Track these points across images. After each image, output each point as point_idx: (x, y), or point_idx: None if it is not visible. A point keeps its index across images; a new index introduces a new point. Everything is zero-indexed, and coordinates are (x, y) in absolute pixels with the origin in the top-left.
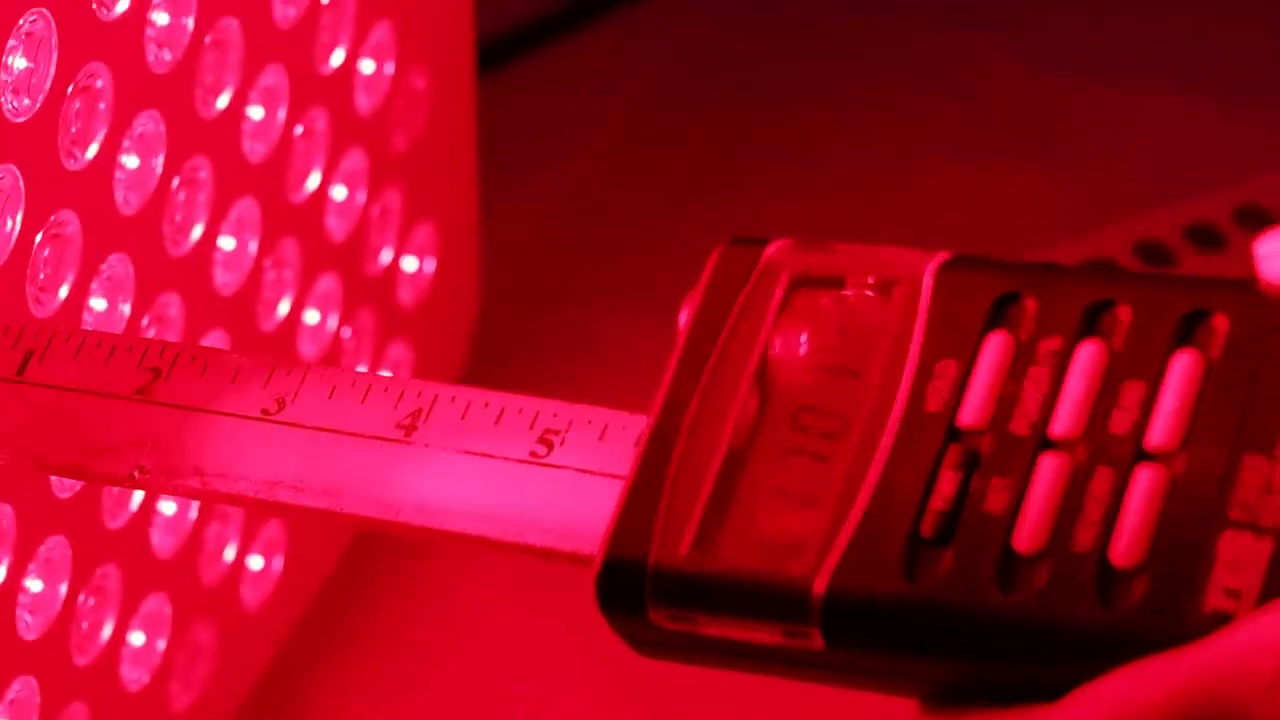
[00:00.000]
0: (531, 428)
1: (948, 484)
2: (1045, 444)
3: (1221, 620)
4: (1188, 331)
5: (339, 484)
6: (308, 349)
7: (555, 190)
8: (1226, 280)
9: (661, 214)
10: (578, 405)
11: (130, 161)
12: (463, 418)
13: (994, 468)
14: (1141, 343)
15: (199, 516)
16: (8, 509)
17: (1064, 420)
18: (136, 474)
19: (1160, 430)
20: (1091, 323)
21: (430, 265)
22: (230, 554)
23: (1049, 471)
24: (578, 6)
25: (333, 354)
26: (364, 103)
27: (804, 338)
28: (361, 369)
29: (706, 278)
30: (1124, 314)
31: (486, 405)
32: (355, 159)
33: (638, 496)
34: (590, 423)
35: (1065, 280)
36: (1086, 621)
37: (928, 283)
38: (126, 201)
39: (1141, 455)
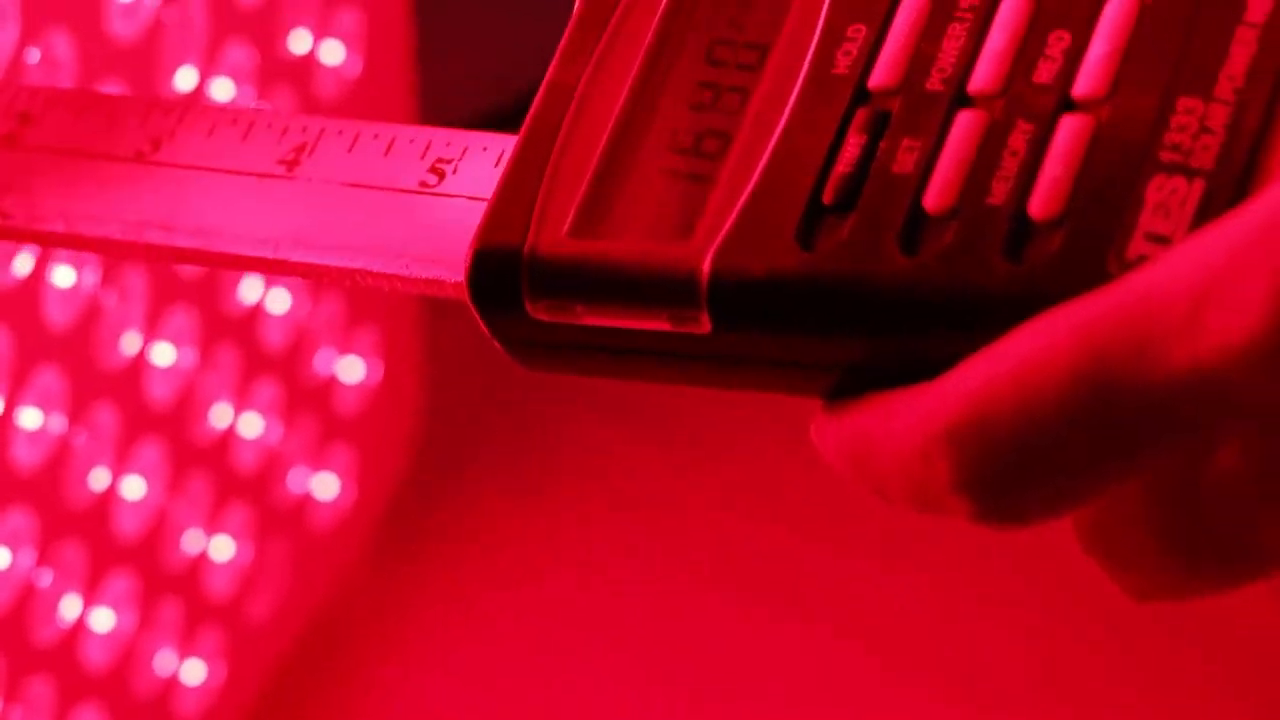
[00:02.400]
0: (423, 157)
1: (853, 147)
2: (961, 100)
3: None
4: None
5: (213, 223)
6: (246, 457)
7: None
8: None
9: None
10: (473, 131)
11: (63, 278)
12: (350, 150)
13: (904, 128)
14: None
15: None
16: None
17: (982, 74)
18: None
19: (1087, 77)
20: None
21: (372, 368)
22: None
23: (963, 127)
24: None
25: (272, 459)
26: None
27: (703, 12)
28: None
29: None
30: None
31: (376, 136)
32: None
33: (515, 182)
34: (485, 149)
35: None
36: (995, 277)
37: None
38: (55, 318)
39: (1066, 105)
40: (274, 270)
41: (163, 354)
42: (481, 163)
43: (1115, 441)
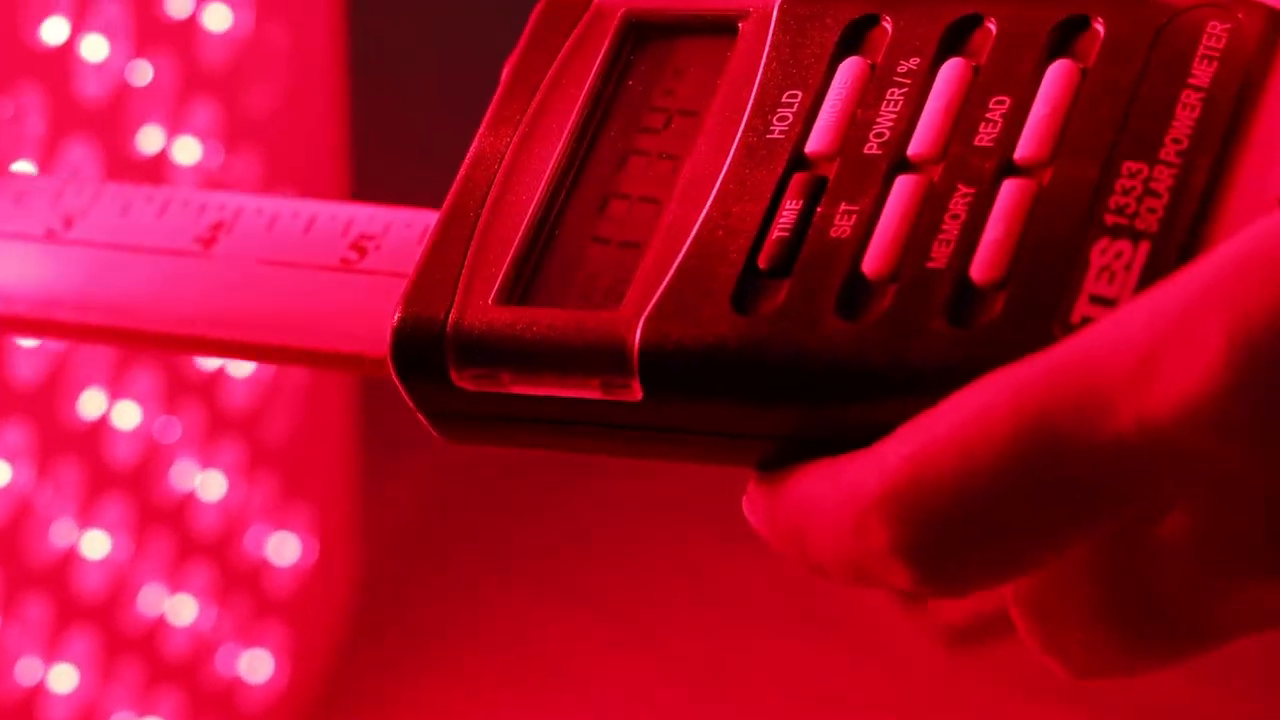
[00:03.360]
0: (344, 234)
1: (789, 212)
2: (900, 165)
3: None
4: (1062, 41)
5: (127, 300)
6: (178, 641)
7: (442, 462)
8: None
9: (551, 495)
10: (396, 208)
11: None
12: (269, 229)
13: (842, 192)
14: (1010, 56)
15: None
16: None
17: (921, 138)
18: None
19: (1028, 141)
20: (955, 40)
21: (306, 546)
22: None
23: (902, 191)
24: None
25: (204, 642)
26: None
27: (635, 80)
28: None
29: (529, 28)
30: (992, 27)
31: (296, 214)
32: (229, 453)
33: (440, 251)
34: (409, 225)
35: (926, 1)
36: (936, 342)
37: (775, 14)
38: None
39: (1008, 169)
40: (190, 349)
41: (95, 543)
42: (405, 239)
43: (1058, 505)
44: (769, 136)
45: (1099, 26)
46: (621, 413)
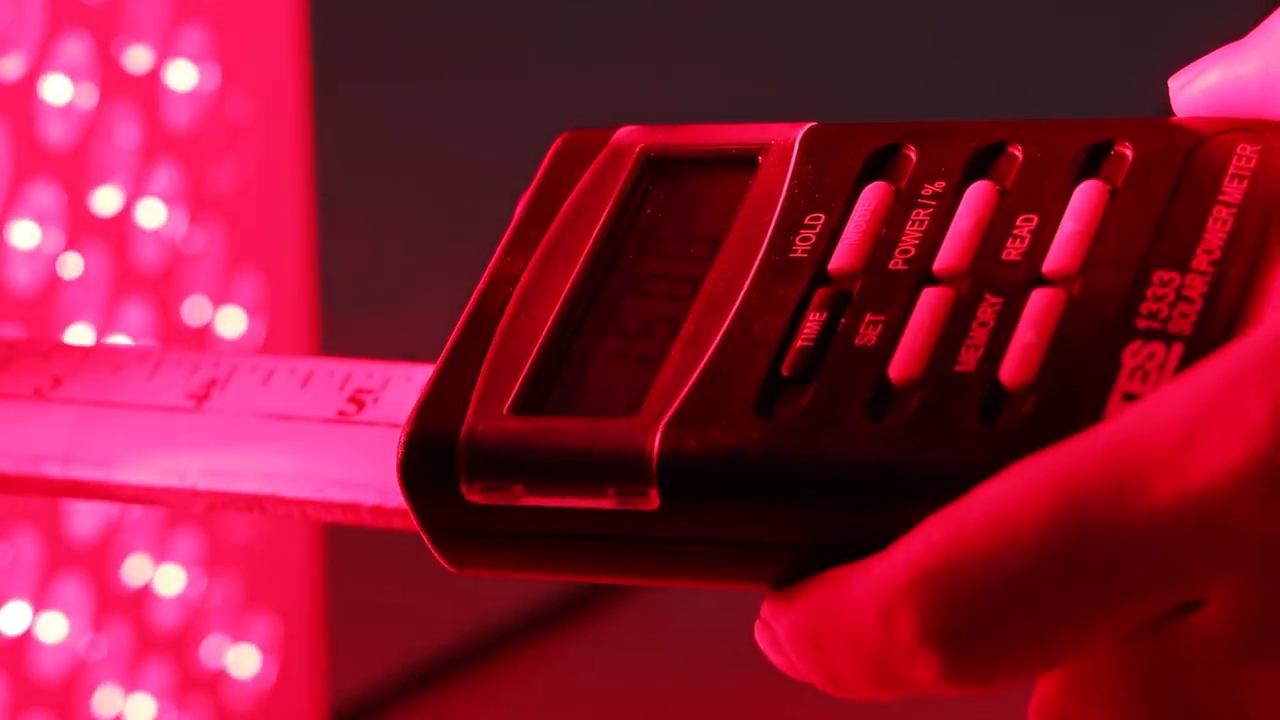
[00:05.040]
0: (342, 388)
1: (812, 323)
2: (927, 280)
3: None
4: (1090, 164)
5: (115, 454)
6: None
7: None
8: (1131, 118)
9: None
10: (396, 362)
11: None
12: (265, 384)
13: (867, 304)
14: (1037, 178)
15: None
16: None
17: (947, 254)
18: None
19: (1057, 254)
20: (981, 165)
21: (269, 663)
22: None
23: (930, 300)
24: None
25: None
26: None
27: (653, 208)
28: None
29: (546, 162)
30: (1017, 153)
31: (293, 371)
32: (190, 543)
33: (454, 366)
34: (409, 380)
35: (951, 129)
36: (967, 441)
37: (797, 146)
38: None
39: (1037, 281)
40: (181, 501)
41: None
42: (405, 392)
43: (1094, 585)
44: (791, 256)
45: (1126, 150)
46: (637, 524)
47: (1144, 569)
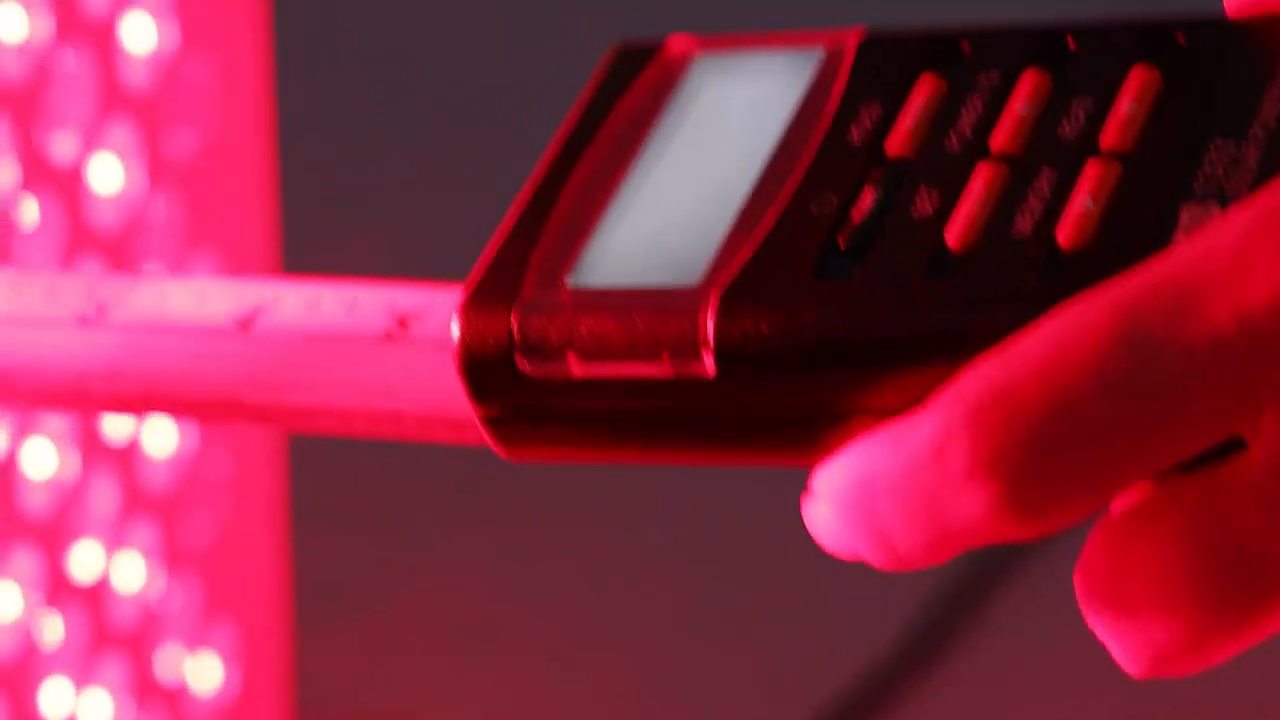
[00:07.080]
0: (387, 312)
1: (868, 199)
2: (983, 155)
3: None
4: (1144, 49)
5: (161, 374)
6: None
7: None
8: (1183, 14)
9: None
10: (441, 285)
11: None
12: (310, 308)
13: (922, 179)
14: (1092, 65)
15: None
16: None
17: (1003, 133)
18: None
19: (1113, 131)
20: (1035, 55)
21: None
22: None
23: (985, 173)
24: None
25: None
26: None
27: (710, 101)
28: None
29: (598, 70)
30: (1071, 44)
31: (338, 296)
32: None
33: (511, 240)
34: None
35: (1005, 28)
36: (1028, 294)
37: (850, 45)
38: None
39: (1093, 153)
40: (230, 414)
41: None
42: (449, 312)
43: (1151, 409)
44: (847, 140)
45: (1180, 38)
46: (692, 394)
47: (1200, 388)
